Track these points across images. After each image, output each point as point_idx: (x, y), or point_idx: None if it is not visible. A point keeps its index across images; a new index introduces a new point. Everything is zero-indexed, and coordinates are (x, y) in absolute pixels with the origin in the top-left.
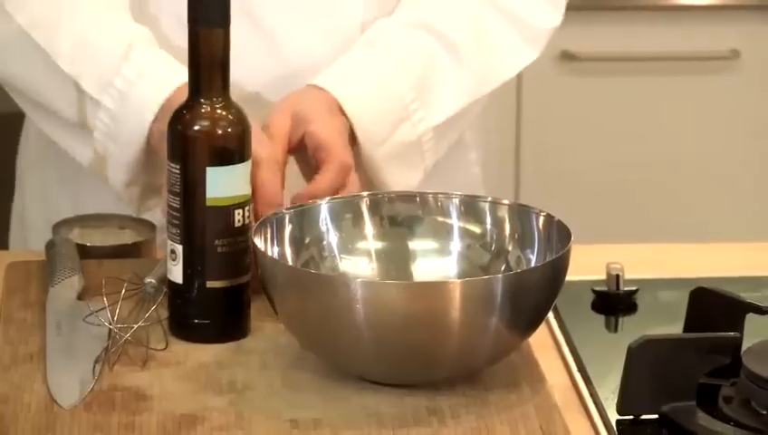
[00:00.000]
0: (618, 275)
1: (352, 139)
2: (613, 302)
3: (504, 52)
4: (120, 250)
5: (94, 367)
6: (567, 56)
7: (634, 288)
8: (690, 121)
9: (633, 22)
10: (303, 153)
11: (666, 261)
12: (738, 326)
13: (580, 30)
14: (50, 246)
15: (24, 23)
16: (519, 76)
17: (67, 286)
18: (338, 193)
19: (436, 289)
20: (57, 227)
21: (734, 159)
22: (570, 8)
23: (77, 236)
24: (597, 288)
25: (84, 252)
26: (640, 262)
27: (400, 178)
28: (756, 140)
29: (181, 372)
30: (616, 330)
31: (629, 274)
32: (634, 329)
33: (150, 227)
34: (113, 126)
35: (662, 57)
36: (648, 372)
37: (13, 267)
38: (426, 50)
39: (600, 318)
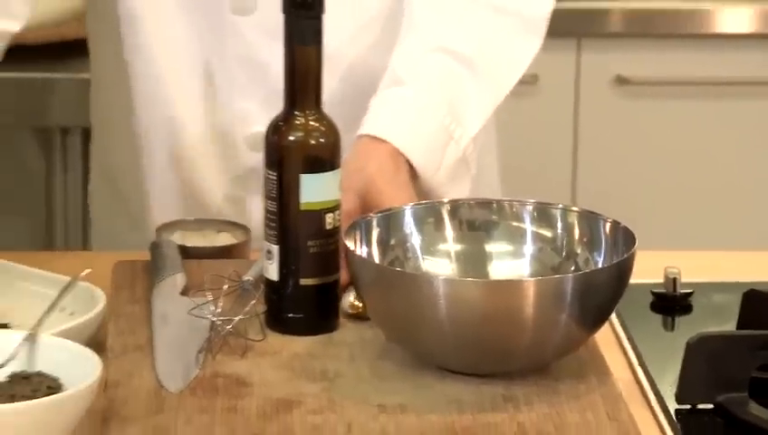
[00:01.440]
0: (675, 279)
1: (413, 174)
2: (670, 303)
3: (513, 49)
4: (217, 251)
5: (198, 356)
6: (621, 81)
7: (690, 291)
8: (741, 144)
9: (684, 48)
10: None
11: (719, 267)
12: None
13: (634, 56)
14: (154, 247)
15: None
16: (576, 100)
17: (171, 283)
18: None
19: (511, 287)
20: (159, 231)
21: None
22: (623, 35)
23: (178, 238)
24: (655, 290)
25: (185, 253)
26: (696, 267)
27: (457, 191)
28: None
29: (277, 361)
30: (673, 329)
31: (686, 277)
32: (689, 328)
33: (245, 230)
34: None
35: (712, 82)
36: (704, 365)
37: (120, 266)
38: (447, 70)
39: (659, 318)
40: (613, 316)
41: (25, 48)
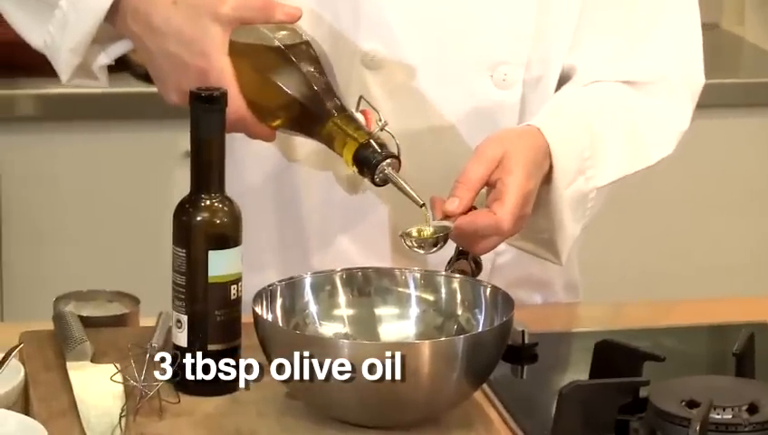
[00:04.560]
0: (523, 331)
1: (547, 179)
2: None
3: (657, 140)
4: (113, 320)
5: (121, 419)
6: None
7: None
8: None
9: None
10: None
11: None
12: (639, 372)
13: None
14: (57, 317)
15: None
16: None
17: (81, 352)
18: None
19: (406, 348)
20: (57, 302)
21: None
22: None
23: (74, 308)
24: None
25: (84, 322)
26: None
27: (569, 225)
28: None
29: (193, 421)
30: (522, 376)
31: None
32: (538, 375)
33: (135, 300)
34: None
35: None
36: (575, 409)
37: (27, 336)
38: (609, 96)
39: (507, 366)
40: None
41: None
